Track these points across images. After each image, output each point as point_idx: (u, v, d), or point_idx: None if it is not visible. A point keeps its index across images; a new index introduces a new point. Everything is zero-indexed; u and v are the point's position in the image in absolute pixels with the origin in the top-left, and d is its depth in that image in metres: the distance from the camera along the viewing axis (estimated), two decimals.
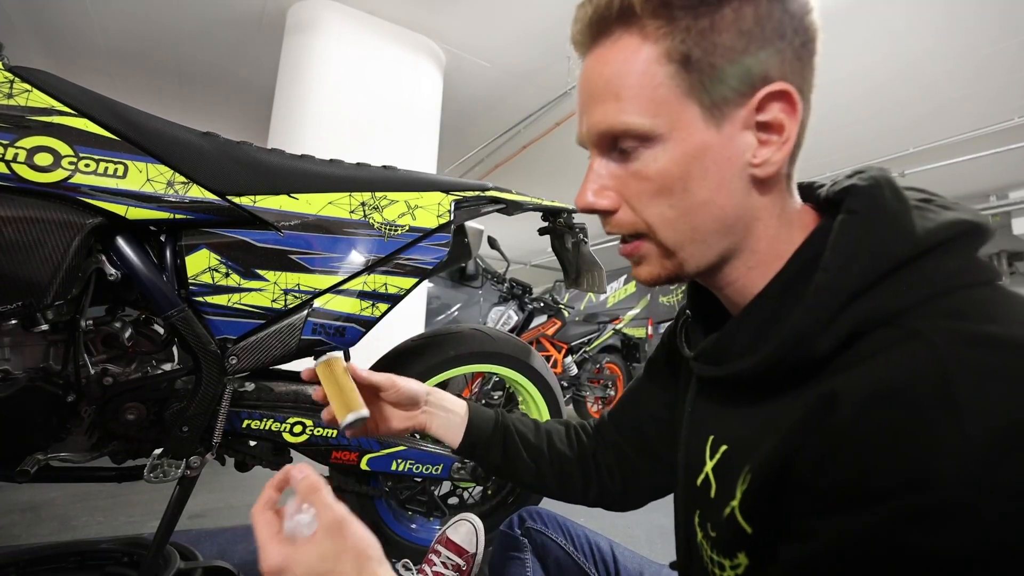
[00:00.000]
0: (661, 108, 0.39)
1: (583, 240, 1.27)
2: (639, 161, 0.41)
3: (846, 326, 0.35)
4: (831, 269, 0.36)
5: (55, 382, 0.77)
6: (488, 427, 0.68)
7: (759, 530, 0.37)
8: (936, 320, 0.32)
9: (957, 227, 0.36)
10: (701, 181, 0.40)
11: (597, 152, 0.44)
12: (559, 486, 0.68)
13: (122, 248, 0.79)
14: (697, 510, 0.47)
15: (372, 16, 3.19)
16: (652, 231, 0.43)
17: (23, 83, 0.73)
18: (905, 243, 0.35)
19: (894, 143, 4.44)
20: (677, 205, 0.41)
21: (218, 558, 1.09)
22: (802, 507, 0.33)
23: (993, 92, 3.63)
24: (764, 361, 0.39)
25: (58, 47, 3.69)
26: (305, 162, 0.94)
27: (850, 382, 0.32)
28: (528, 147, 4.75)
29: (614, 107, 0.40)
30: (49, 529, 1.42)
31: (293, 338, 0.89)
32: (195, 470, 0.88)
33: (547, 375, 1.32)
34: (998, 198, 5.42)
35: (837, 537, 0.30)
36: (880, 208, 0.37)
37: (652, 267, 0.45)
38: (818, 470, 0.32)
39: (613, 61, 0.40)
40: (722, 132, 0.39)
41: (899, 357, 0.31)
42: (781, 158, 0.40)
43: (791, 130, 0.39)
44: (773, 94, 0.38)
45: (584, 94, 0.43)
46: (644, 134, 0.40)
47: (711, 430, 0.47)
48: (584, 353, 4.01)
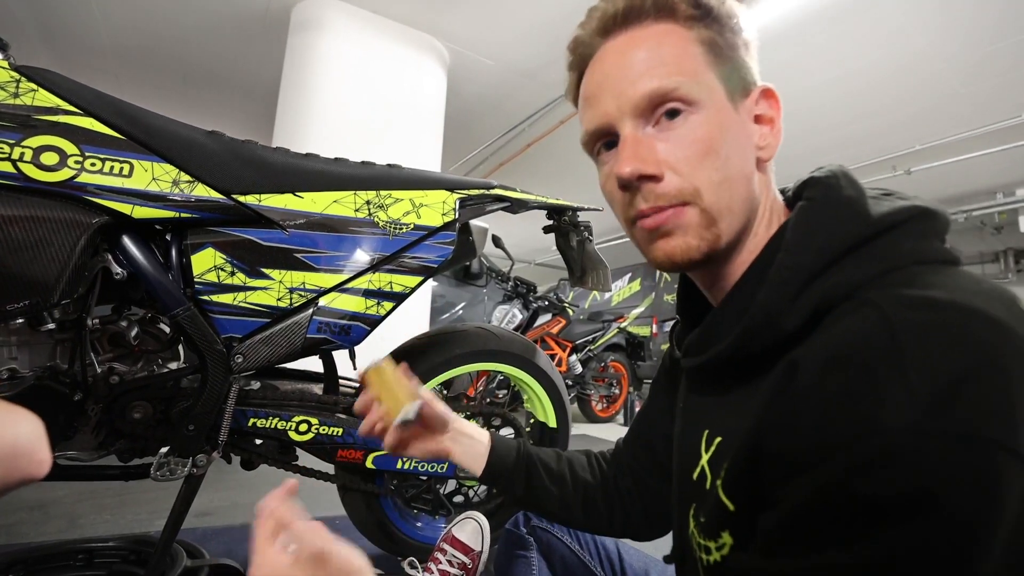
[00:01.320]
0: (701, 79, 0.42)
1: (588, 238, 1.26)
2: (687, 124, 0.42)
3: (810, 302, 0.37)
4: (791, 249, 0.39)
5: (62, 381, 0.77)
6: (511, 456, 0.67)
7: (740, 506, 0.38)
8: (886, 289, 0.34)
9: (909, 211, 0.39)
10: (736, 151, 0.43)
11: (632, 123, 0.43)
12: (584, 515, 0.68)
13: (128, 247, 0.79)
14: (692, 504, 0.47)
15: (376, 15, 3.19)
16: (699, 195, 0.42)
17: (29, 82, 0.73)
18: (860, 224, 0.38)
19: (900, 140, 4.40)
20: (721, 170, 0.42)
21: (225, 556, 1.10)
22: (773, 475, 0.34)
23: (1000, 88, 3.59)
24: (736, 340, 0.41)
25: (63, 46, 3.71)
26: (310, 161, 0.94)
27: (808, 350, 0.35)
28: (532, 145, 4.74)
29: (661, 71, 0.42)
30: (56, 527, 1.43)
31: (299, 336, 0.89)
32: (201, 468, 0.88)
33: (552, 373, 1.32)
34: (1005, 195, 5.37)
35: (799, 500, 0.32)
36: (836, 194, 0.41)
37: (690, 238, 0.43)
38: (782, 437, 0.34)
39: (650, 39, 0.43)
40: (738, 115, 0.44)
41: (851, 323, 0.33)
42: (776, 143, 0.46)
43: (779, 123, 0.46)
44: (763, 91, 0.46)
45: (618, 70, 0.44)
46: (692, 98, 0.42)
47: (704, 424, 0.48)
48: (589, 351, 4.01)
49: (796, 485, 0.32)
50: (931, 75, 3.46)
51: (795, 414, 0.33)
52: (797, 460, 0.32)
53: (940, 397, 0.28)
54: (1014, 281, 6.24)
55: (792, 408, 0.33)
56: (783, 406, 0.34)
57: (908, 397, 0.28)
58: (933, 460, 0.27)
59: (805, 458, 0.31)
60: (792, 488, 0.32)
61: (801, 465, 0.32)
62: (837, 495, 0.30)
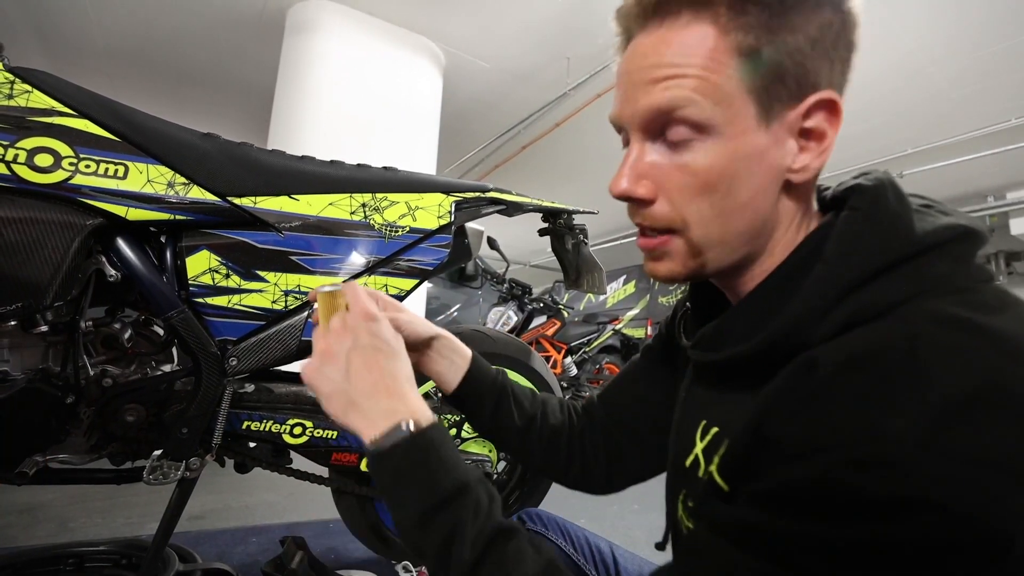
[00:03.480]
0: (723, 99, 0.38)
1: (583, 241, 1.27)
2: (690, 153, 0.40)
3: (842, 317, 0.36)
4: (831, 261, 0.38)
5: (54, 383, 0.76)
6: (486, 382, 0.67)
7: (734, 485, 0.38)
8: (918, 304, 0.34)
9: (953, 230, 0.37)
10: (745, 182, 0.40)
11: (640, 135, 0.42)
12: (543, 458, 0.67)
13: (122, 249, 0.79)
14: (683, 490, 0.48)
15: (372, 17, 3.19)
16: (687, 227, 0.42)
17: (23, 84, 0.73)
18: (904, 242, 0.37)
19: (891, 143, 4.45)
20: (718, 204, 0.40)
21: (217, 560, 1.09)
22: (770, 457, 0.34)
23: (991, 92, 3.63)
24: (759, 346, 0.40)
25: (58, 48, 3.69)
26: (306, 163, 0.94)
27: (830, 349, 0.34)
28: (528, 148, 4.75)
29: (676, 87, 0.39)
30: (47, 531, 1.42)
31: (294, 339, 0.88)
32: (194, 472, 0.87)
33: (547, 376, 1.32)
34: (996, 199, 5.43)
35: (786, 478, 0.32)
36: (883, 207, 0.39)
37: (674, 264, 0.44)
38: (788, 425, 0.34)
39: (679, 43, 0.39)
40: (770, 133, 0.39)
41: (875, 331, 0.34)
42: (819, 165, 0.41)
43: (831, 139, 0.40)
44: (821, 102, 0.39)
45: (639, 71, 0.41)
46: (702, 123, 0.39)
47: (704, 415, 0.48)
48: (584, 354, 4.01)
49: (791, 467, 0.32)
50: (922, 79, 3.50)
51: (804, 405, 0.33)
52: (798, 446, 0.32)
53: (949, 415, 0.28)
54: (1005, 283, 6.30)
55: (802, 399, 0.33)
56: (795, 397, 0.34)
57: (919, 410, 0.29)
58: (932, 473, 0.28)
59: (806, 446, 0.32)
60: (786, 468, 0.32)
61: (801, 452, 0.32)
62: (829, 481, 0.30)
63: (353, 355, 0.47)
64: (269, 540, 1.44)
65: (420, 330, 0.63)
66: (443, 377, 0.66)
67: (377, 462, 0.44)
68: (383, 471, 0.44)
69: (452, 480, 0.42)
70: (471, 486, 0.43)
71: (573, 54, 3.45)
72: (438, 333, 0.66)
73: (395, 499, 0.43)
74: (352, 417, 0.46)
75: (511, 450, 0.69)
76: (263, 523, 1.59)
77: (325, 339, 0.49)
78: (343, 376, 0.46)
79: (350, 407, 0.46)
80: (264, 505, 1.77)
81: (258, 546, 1.40)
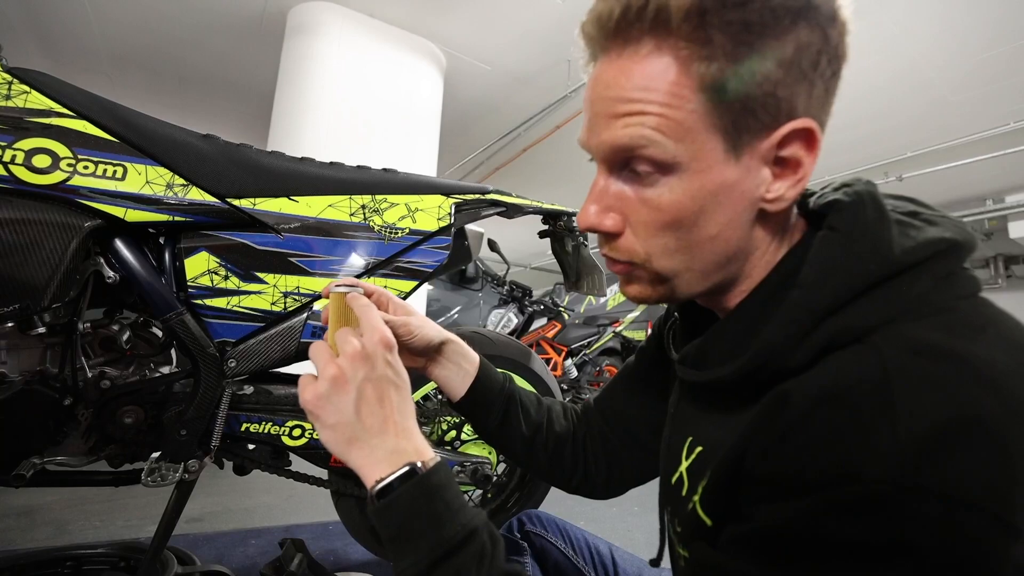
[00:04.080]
0: (686, 136, 0.36)
1: (583, 243, 1.27)
2: (652, 189, 0.39)
3: (819, 342, 0.35)
4: (806, 286, 0.37)
5: (52, 385, 0.76)
6: (494, 390, 0.66)
7: (717, 522, 0.38)
8: (893, 328, 0.33)
9: (935, 246, 0.36)
10: (712, 216, 0.39)
11: (605, 168, 0.41)
12: (549, 466, 0.67)
13: (121, 250, 0.78)
14: (669, 507, 0.49)
15: (372, 18, 3.20)
16: (649, 260, 0.42)
17: (21, 84, 0.73)
18: (882, 263, 0.35)
19: (891, 147, 4.45)
20: (683, 238, 0.40)
21: (216, 562, 1.09)
22: (748, 496, 0.34)
23: (990, 96, 3.64)
24: (739, 371, 0.39)
25: (57, 48, 3.69)
26: (305, 165, 0.94)
27: (802, 383, 0.34)
28: (528, 150, 4.75)
29: (636, 124, 0.37)
30: (45, 534, 1.41)
31: (293, 341, 0.88)
32: (193, 474, 0.87)
33: (547, 378, 1.32)
34: (995, 202, 5.43)
35: (769, 522, 0.32)
36: (860, 226, 0.38)
37: (642, 288, 0.44)
38: (764, 461, 0.33)
39: (640, 75, 0.37)
40: (740, 164, 0.38)
41: (849, 361, 0.33)
42: (794, 195, 0.39)
43: (807, 169, 0.38)
44: (796, 131, 0.37)
45: (600, 103, 0.39)
46: (664, 161, 0.37)
47: (690, 432, 0.48)
48: (584, 356, 4.00)
49: (772, 509, 0.32)
50: (922, 83, 3.51)
51: (781, 443, 0.33)
52: (778, 487, 0.32)
53: (924, 452, 0.28)
54: (1004, 286, 6.31)
55: (779, 437, 0.33)
56: (770, 434, 0.34)
57: (892, 447, 0.28)
58: (910, 514, 0.27)
59: (785, 488, 0.32)
60: (768, 510, 0.32)
61: (781, 493, 0.32)
62: (809, 528, 0.30)
63: (366, 386, 0.44)
64: (268, 542, 1.43)
65: (431, 335, 0.62)
66: (451, 383, 0.65)
67: (382, 506, 0.41)
68: (388, 515, 0.41)
69: (459, 526, 0.41)
70: (478, 532, 0.41)
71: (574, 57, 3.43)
72: (448, 338, 0.64)
73: (399, 547, 0.41)
74: (355, 454, 0.43)
75: (515, 457, 0.68)
76: (262, 525, 1.59)
77: (336, 363, 0.44)
78: (353, 408, 0.43)
79: (355, 442, 0.43)
80: (263, 507, 1.76)
81: (257, 548, 1.40)
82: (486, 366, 0.67)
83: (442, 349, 0.64)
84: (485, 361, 0.67)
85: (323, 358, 0.46)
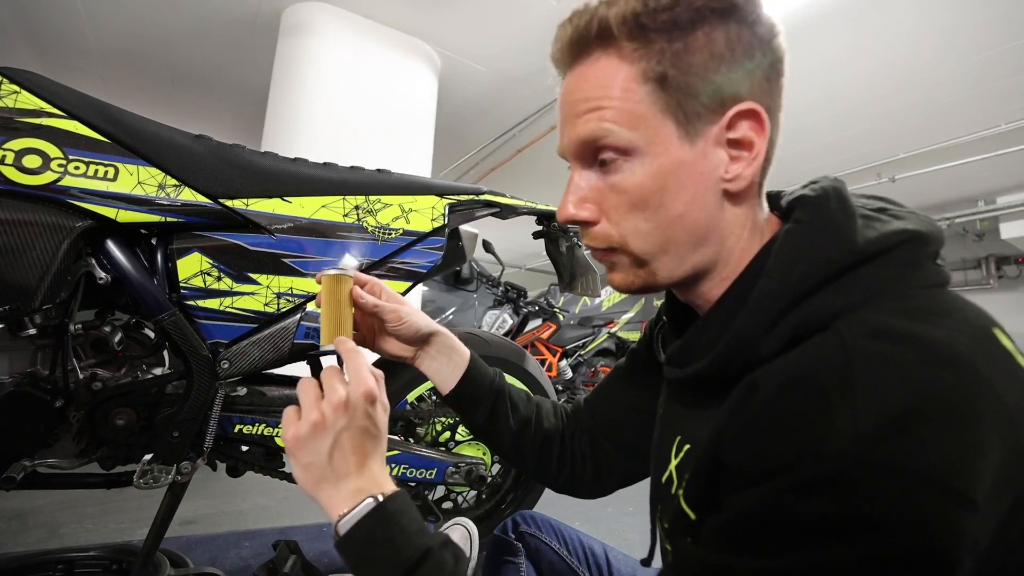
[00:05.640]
0: (640, 123, 0.41)
1: (577, 244, 1.27)
2: (618, 174, 0.43)
3: (788, 330, 0.37)
4: (773, 275, 0.39)
5: (43, 387, 0.76)
6: (483, 384, 0.67)
7: (700, 515, 0.39)
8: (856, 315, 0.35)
9: (898, 236, 0.38)
10: (676, 195, 0.42)
11: (578, 164, 0.46)
12: (535, 463, 0.68)
13: (112, 251, 0.78)
14: (659, 505, 0.50)
15: (367, 19, 3.19)
16: (626, 243, 0.44)
17: (11, 84, 0.72)
18: (846, 252, 0.37)
19: (884, 148, 4.48)
20: (652, 218, 0.43)
21: (209, 565, 1.08)
22: (726, 486, 0.36)
23: (982, 98, 3.67)
24: (714, 363, 0.41)
25: (48, 48, 3.66)
26: (299, 165, 0.93)
27: (769, 370, 0.35)
28: (523, 151, 4.76)
29: (596, 118, 0.42)
30: (36, 537, 1.40)
31: (286, 342, 0.88)
32: (186, 476, 0.86)
33: (541, 378, 1.32)
34: (986, 203, 5.49)
35: (740, 509, 0.33)
36: (823, 217, 0.40)
37: (625, 275, 0.47)
38: (736, 450, 0.35)
39: (593, 78, 0.43)
40: (696, 148, 0.41)
41: (812, 347, 0.34)
42: (751, 173, 0.42)
43: (760, 147, 0.42)
44: (742, 112, 0.41)
45: (566, 108, 0.45)
46: (623, 147, 0.42)
47: (678, 431, 0.49)
48: (579, 357, 4.01)
49: (742, 496, 0.33)
50: (913, 84, 3.53)
51: (750, 430, 0.34)
52: (748, 474, 0.33)
53: (884, 429, 0.29)
54: (996, 287, 6.36)
55: (748, 424, 0.34)
56: (740, 422, 0.35)
57: (853, 426, 0.29)
58: (871, 491, 0.28)
59: (754, 473, 0.33)
60: (739, 498, 0.33)
61: (750, 479, 0.33)
62: (776, 511, 0.31)
63: (344, 436, 0.47)
64: (262, 544, 1.43)
65: (420, 325, 0.64)
66: (440, 375, 0.66)
67: (344, 538, 0.44)
68: (350, 546, 0.44)
69: (415, 548, 0.43)
70: (433, 551, 0.43)
71: None
72: (437, 330, 0.66)
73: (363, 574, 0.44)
74: (322, 494, 0.47)
75: (504, 453, 0.69)
76: (256, 527, 1.58)
77: (319, 409, 0.47)
78: (326, 453, 0.46)
79: (323, 482, 0.47)
80: (257, 509, 1.75)
81: (251, 550, 1.39)
82: (476, 361, 0.68)
83: (432, 340, 0.66)
84: (476, 356, 0.68)
85: (308, 400, 0.48)
